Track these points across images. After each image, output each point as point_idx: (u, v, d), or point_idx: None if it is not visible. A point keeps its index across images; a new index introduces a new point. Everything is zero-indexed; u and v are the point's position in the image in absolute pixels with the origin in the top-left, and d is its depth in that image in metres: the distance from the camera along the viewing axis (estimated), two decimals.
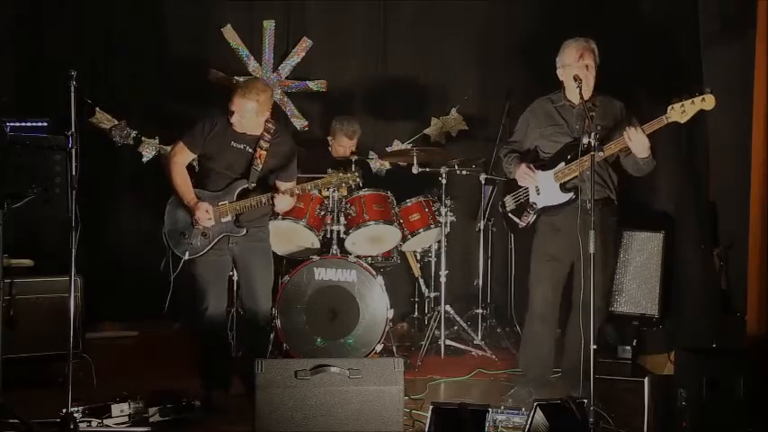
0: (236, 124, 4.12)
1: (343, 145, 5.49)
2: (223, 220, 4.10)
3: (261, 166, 4.17)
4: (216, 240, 4.11)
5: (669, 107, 3.74)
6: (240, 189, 4.14)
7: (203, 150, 4.17)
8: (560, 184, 4.09)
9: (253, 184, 4.16)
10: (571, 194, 4.07)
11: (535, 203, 4.20)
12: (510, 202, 4.36)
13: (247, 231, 4.16)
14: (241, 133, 4.16)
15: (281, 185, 4.24)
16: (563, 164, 4.08)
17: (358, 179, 4.36)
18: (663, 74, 4.85)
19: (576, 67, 4.02)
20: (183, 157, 4.19)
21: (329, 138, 5.56)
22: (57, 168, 4.65)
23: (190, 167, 4.26)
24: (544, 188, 4.16)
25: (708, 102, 3.67)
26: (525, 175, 4.19)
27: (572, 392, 3.75)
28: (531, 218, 4.22)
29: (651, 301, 4.80)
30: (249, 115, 4.10)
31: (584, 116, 3.95)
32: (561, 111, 4.20)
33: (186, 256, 4.07)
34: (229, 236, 4.13)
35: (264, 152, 4.17)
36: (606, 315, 4.62)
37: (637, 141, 3.83)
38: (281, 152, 4.27)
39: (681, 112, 3.71)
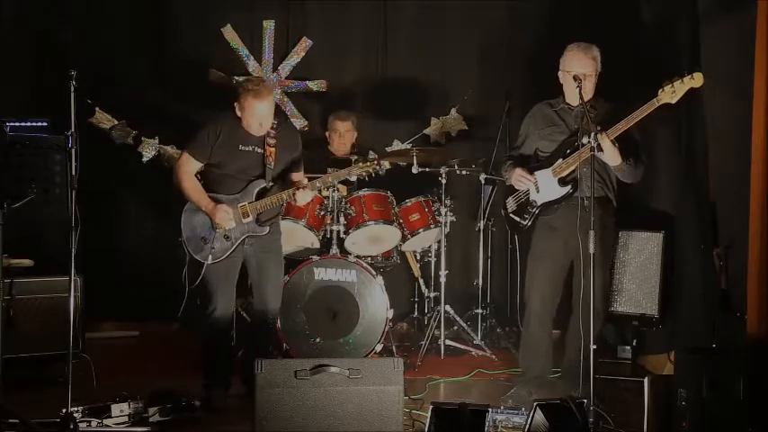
0: (256, 129, 4.07)
1: (337, 129, 5.48)
2: (245, 220, 4.09)
3: (273, 163, 4.16)
4: (239, 242, 4.10)
5: (660, 90, 3.78)
6: (258, 189, 4.12)
7: (211, 159, 4.12)
8: (559, 179, 4.11)
9: (270, 183, 4.15)
10: (569, 187, 4.09)
11: (535, 201, 4.22)
12: (511, 203, 4.39)
13: (270, 230, 4.16)
14: (247, 134, 4.12)
15: (295, 176, 4.24)
16: (561, 159, 4.11)
17: (377, 167, 4.24)
18: (663, 74, 4.85)
19: (575, 73, 4.05)
20: (190, 166, 4.13)
21: (327, 133, 5.57)
22: (57, 168, 4.67)
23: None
24: (543, 185, 4.18)
25: (696, 79, 3.73)
26: (520, 179, 4.23)
27: (572, 392, 3.75)
28: (533, 216, 4.24)
29: (651, 301, 4.80)
30: (268, 116, 4.07)
31: (582, 117, 3.99)
32: (560, 113, 4.25)
33: (209, 261, 4.05)
34: (250, 236, 4.12)
35: (273, 148, 4.15)
36: (605, 315, 4.63)
37: (606, 150, 3.86)
38: (290, 144, 4.26)
39: (671, 92, 3.76)
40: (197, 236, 4.10)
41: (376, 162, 4.28)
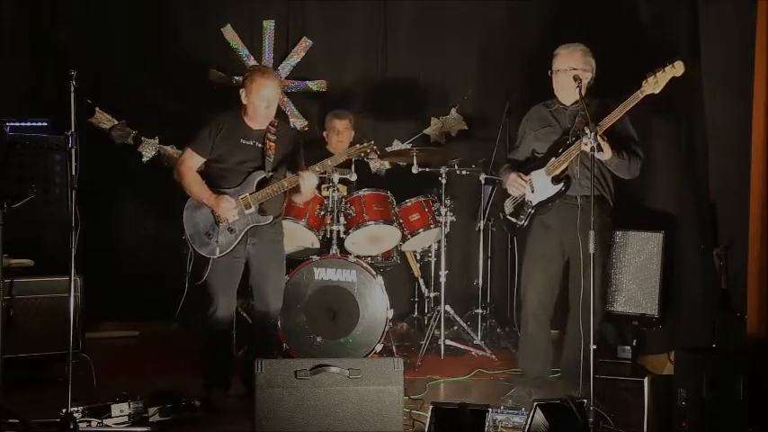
0: (262, 113, 4.09)
1: (335, 128, 5.47)
2: (247, 212, 4.10)
3: (273, 156, 4.18)
4: (242, 234, 4.10)
5: (643, 81, 3.81)
6: (258, 179, 4.14)
7: (212, 153, 4.14)
8: (552, 177, 4.14)
9: (270, 174, 4.17)
10: (561, 185, 4.12)
11: (531, 201, 4.25)
12: (509, 205, 4.41)
13: (274, 220, 4.17)
14: (249, 129, 4.16)
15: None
16: (554, 158, 4.14)
17: (374, 147, 4.38)
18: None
19: (567, 73, 4.08)
20: (192, 161, 4.15)
21: (324, 133, 5.57)
22: (57, 168, 4.67)
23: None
24: (537, 185, 4.21)
25: (677, 68, 3.77)
26: (514, 183, 4.26)
27: (572, 392, 3.75)
28: (528, 216, 4.25)
29: (651, 301, 4.80)
30: (275, 99, 4.11)
31: (576, 115, 4.02)
32: (555, 113, 4.28)
33: (216, 255, 4.06)
34: (255, 227, 4.13)
35: (273, 144, 4.18)
36: (603, 315, 4.64)
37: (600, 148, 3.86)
38: (290, 144, 4.30)
39: (654, 83, 3.80)
40: (200, 232, 4.11)
41: (373, 144, 4.35)
